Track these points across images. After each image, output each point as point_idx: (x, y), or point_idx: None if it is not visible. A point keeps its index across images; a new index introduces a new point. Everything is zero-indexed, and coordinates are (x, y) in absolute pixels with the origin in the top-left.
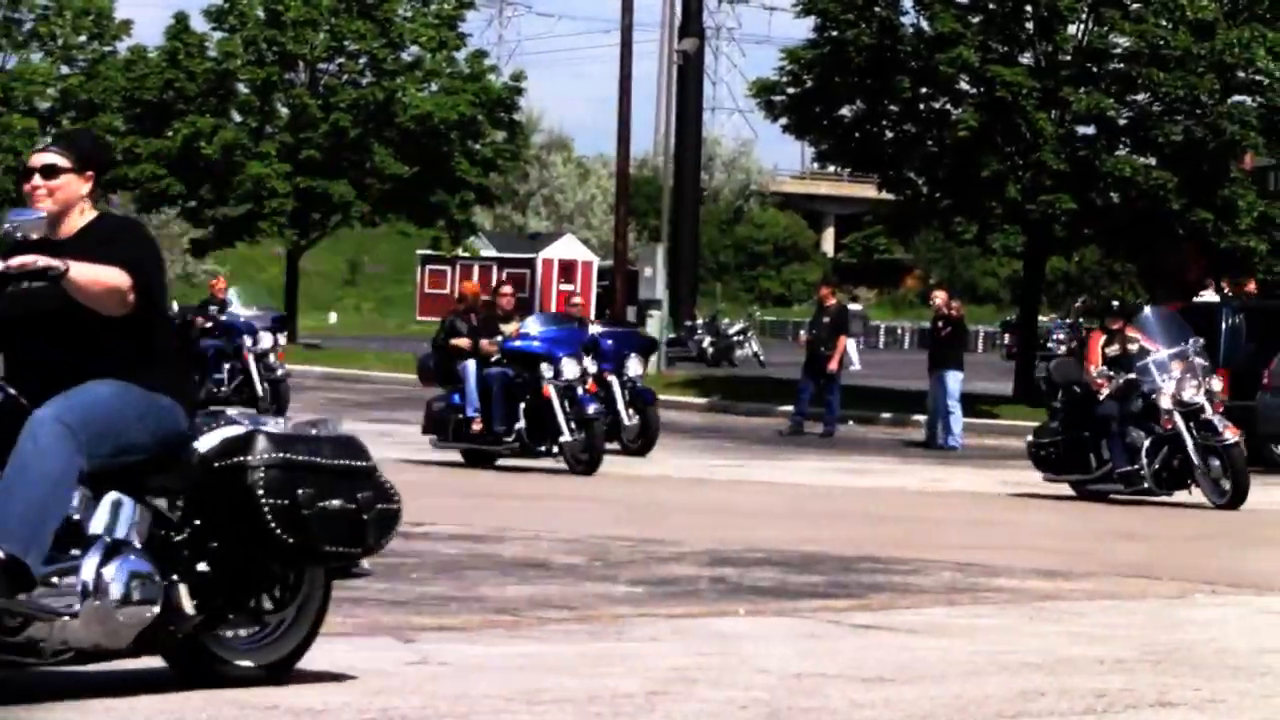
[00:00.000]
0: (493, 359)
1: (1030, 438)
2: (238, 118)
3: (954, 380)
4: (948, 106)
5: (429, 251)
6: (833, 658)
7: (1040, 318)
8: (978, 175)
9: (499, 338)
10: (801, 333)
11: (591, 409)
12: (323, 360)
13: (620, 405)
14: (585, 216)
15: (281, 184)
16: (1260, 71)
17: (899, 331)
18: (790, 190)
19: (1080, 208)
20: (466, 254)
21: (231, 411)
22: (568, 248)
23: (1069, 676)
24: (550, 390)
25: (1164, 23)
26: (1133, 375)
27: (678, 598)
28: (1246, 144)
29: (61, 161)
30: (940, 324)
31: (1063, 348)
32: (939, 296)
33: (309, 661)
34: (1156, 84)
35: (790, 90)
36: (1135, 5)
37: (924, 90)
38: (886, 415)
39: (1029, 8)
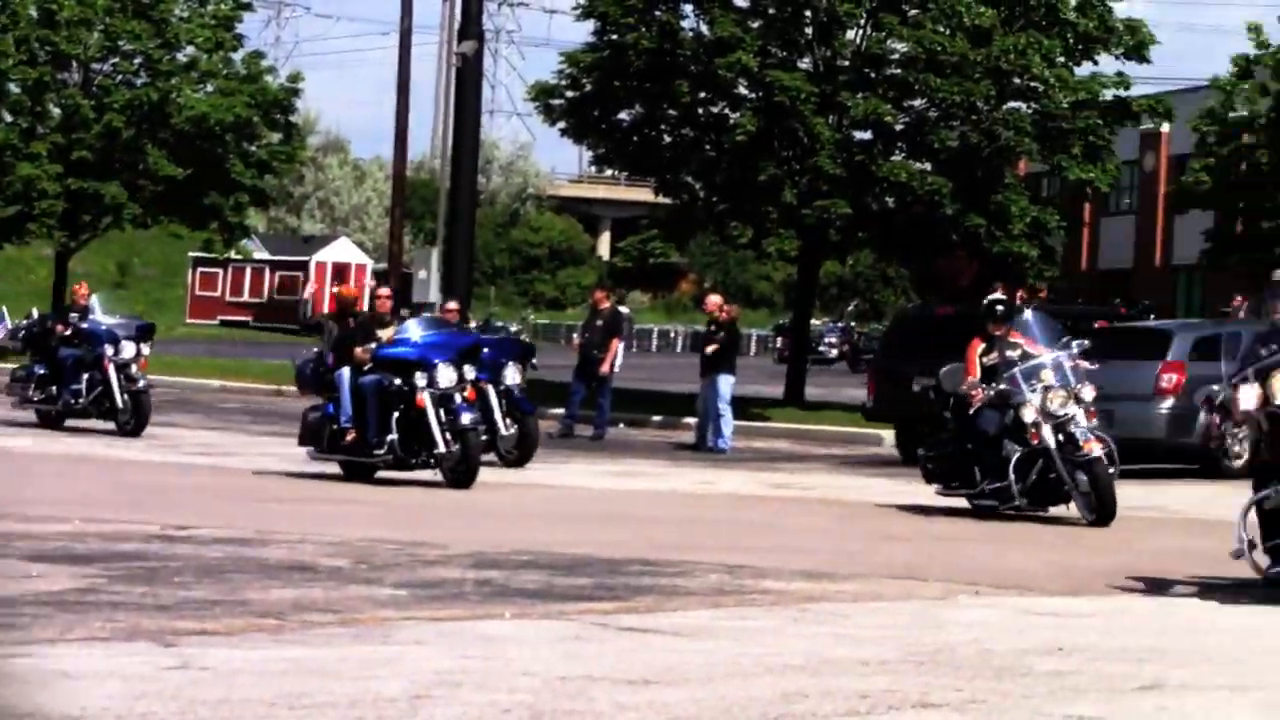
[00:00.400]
0: (365, 366)
1: (920, 450)
2: (8, 118)
3: (725, 384)
4: (726, 111)
5: (200, 254)
6: (598, 660)
7: (813, 321)
8: (754, 179)
9: (372, 344)
10: (574, 336)
11: (466, 419)
12: None
13: (497, 415)
14: (360, 219)
15: (52, 185)
16: (1035, 78)
17: (672, 335)
18: (567, 194)
19: (855, 212)
20: (239, 256)
21: None
22: (342, 250)
23: (833, 678)
24: (425, 399)
25: (941, 29)
26: (1004, 386)
27: (443, 600)
28: (1020, 150)
29: None
30: (713, 328)
31: (834, 351)
32: (713, 300)
33: (68, 669)
34: (933, 90)
35: (569, 94)
36: (913, 12)
37: (703, 94)
38: (657, 418)
39: (808, 13)
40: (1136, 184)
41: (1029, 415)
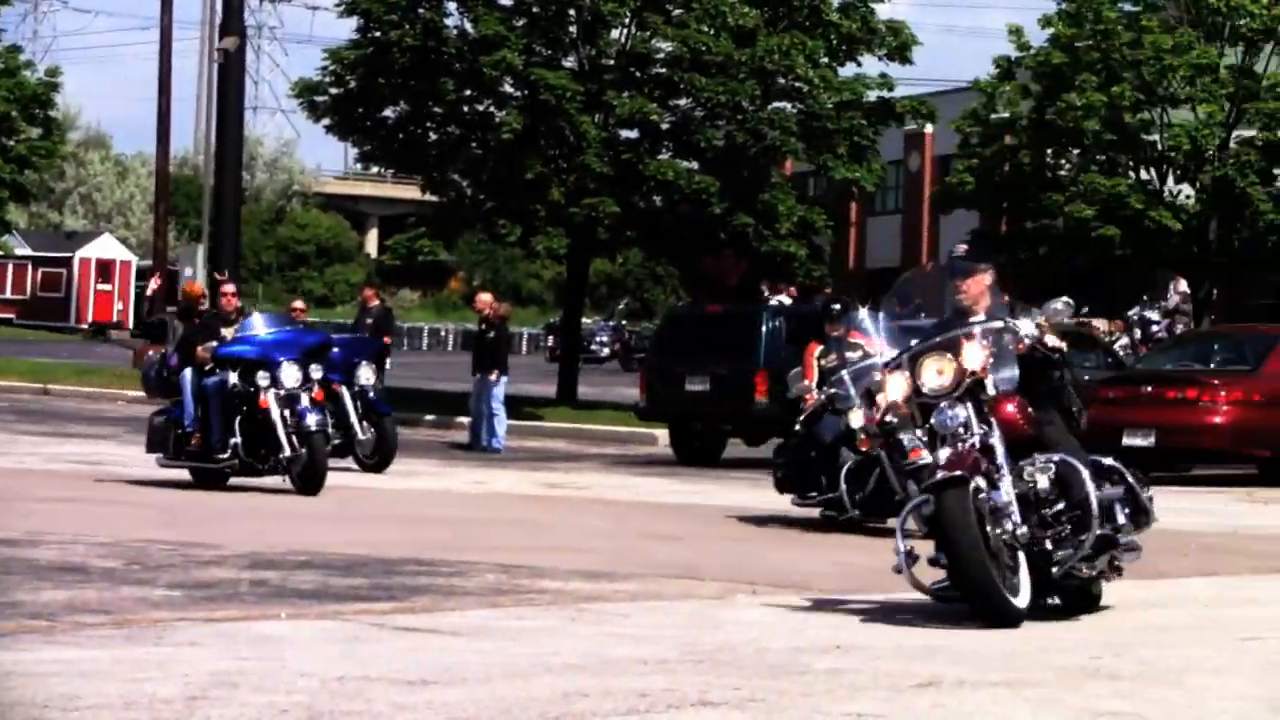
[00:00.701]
0: (206, 366)
1: (772, 457)
2: None
3: (498, 383)
4: (492, 109)
5: None
6: (376, 660)
7: (584, 320)
8: (521, 178)
9: (214, 343)
10: None
11: (312, 421)
12: None
13: (353, 417)
14: (124, 215)
15: None
16: (800, 79)
17: (443, 333)
18: (333, 191)
19: (623, 211)
20: (0, 253)
21: None
22: (106, 247)
23: (612, 677)
24: (268, 400)
25: (706, 29)
26: (833, 390)
27: (218, 601)
28: (786, 150)
29: None
30: (484, 326)
31: (606, 350)
32: (483, 298)
33: None
34: (698, 89)
35: (333, 90)
36: (678, 11)
37: (468, 92)
38: (430, 417)
39: (572, 12)
40: (902, 184)
41: (856, 420)
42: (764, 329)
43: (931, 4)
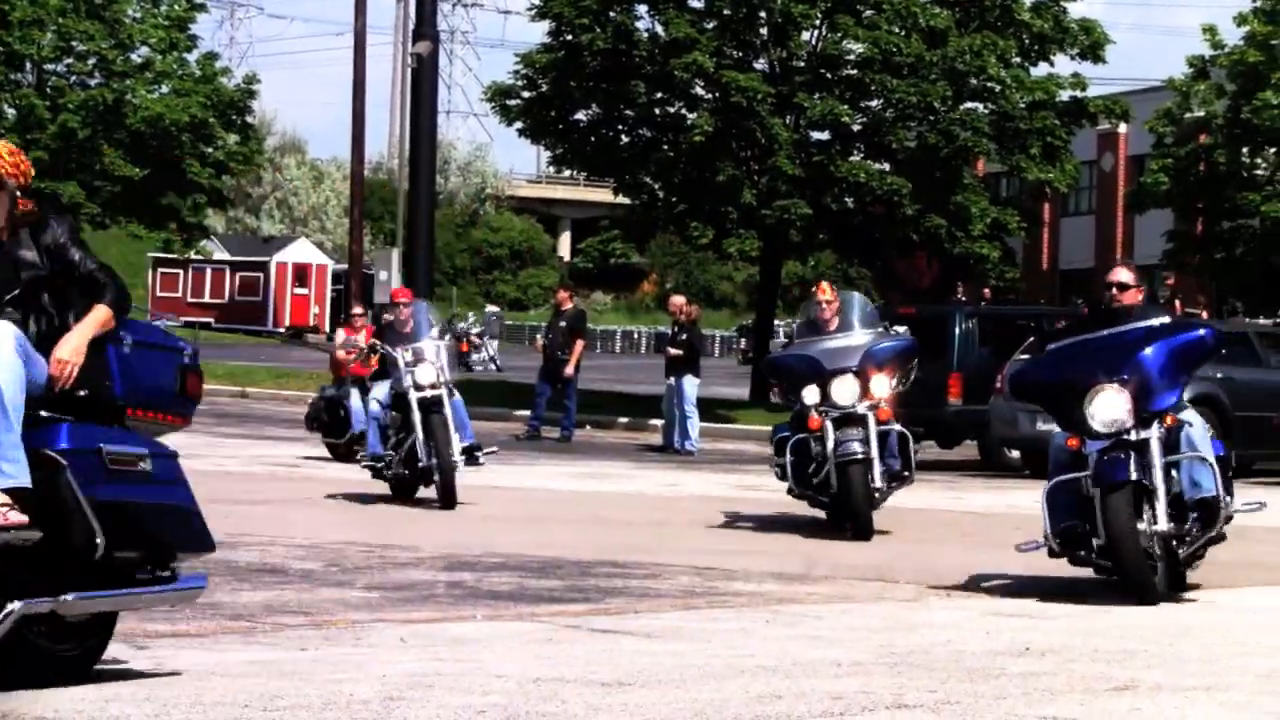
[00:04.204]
0: None
1: None
2: None
3: (690, 385)
4: (683, 111)
5: (160, 254)
6: (571, 662)
7: (776, 322)
8: (713, 180)
9: None
10: (538, 337)
11: None
12: None
13: None
14: (320, 220)
15: None
16: (991, 79)
17: (636, 336)
18: (526, 194)
19: (815, 212)
20: (199, 256)
21: None
22: (302, 251)
23: (806, 679)
24: None
25: (897, 30)
26: None
27: (414, 603)
28: (978, 150)
29: None
30: (676, 329)
31: None
32: (676, 301)
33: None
34: (890, 90)
35: (525, 94)
36: (868, 13)
37: (659, 95)
38: (624, 420)
39: (763, 14)
40: (1095, 184)
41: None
42: (958, 331)
43: (1124, 2)
